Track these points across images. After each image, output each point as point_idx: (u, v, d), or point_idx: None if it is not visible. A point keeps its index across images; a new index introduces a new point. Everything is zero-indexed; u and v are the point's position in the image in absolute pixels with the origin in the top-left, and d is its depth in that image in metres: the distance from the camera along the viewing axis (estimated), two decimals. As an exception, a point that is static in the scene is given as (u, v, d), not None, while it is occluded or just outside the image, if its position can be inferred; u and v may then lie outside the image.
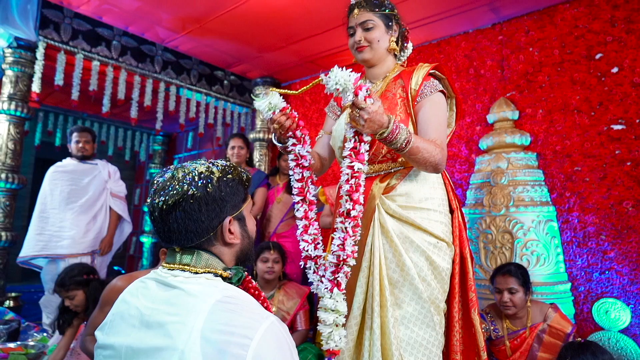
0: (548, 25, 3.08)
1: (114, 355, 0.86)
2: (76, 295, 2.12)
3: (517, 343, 2.19)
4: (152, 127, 5.92)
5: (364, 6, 1.61)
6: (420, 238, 1.51)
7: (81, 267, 2.22)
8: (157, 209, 0.91)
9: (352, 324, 1.52)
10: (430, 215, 1.56)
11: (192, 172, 0.92)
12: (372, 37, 1.60)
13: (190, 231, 0.91)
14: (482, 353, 1.58)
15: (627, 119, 2.70)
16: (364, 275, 1.54)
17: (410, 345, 1.44)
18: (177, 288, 0.87)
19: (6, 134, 3.45)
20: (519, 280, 2.24)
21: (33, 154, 6.42)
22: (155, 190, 0.93)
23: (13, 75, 3.48)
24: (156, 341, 0.81)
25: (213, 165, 0.96)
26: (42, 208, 3.27)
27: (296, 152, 1.43)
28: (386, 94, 1.64)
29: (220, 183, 0.93)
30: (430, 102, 1.56)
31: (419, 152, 1.39)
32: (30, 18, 3.42)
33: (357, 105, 1.26)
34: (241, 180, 0.99)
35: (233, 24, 3.55)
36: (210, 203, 0.91)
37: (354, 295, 1.54)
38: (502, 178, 2.92)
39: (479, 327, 1.58)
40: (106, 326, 0.92)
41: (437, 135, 1.50)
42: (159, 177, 0.95)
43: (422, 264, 1.50)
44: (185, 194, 0.89)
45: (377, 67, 1.68)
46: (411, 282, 1.47)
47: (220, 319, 0.80)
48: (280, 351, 0.81)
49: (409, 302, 1.47)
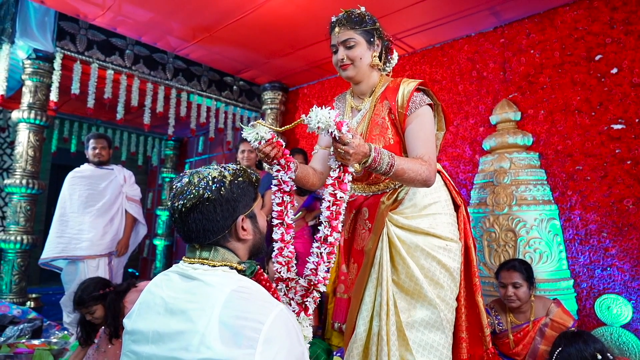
0: (548, 27, 3.15)
1: (141, 339, 0.97)
2: (96, 310, 2.17)
3: (520, 336, 2.26)
4: (164, 132, 6.07)
5: (344, 24, 1.63)
6: (430, 243, 1.60)
7: (95, 282, 2.23)
8: (177, 211, 1.02)
9: (361, 330, 1.62)
10: (437, 219, 1.65)
11: (206, 177, 1.03)
12: (354, 55, 1.63)
13: (207, 230, 1.02)
14: (486, 329, 1.70)
15: (627, 118, 2.75)
16: (372, 285, 1.64)
17: (422, 347, 1.53)
18: (197, 279, 0.98)
19: (26, 141, 3.61)
20: (522, 275, 2.32)
21: (49, 160, 6.61)
22: (174, 195, 1.04)
23: (32, 86, 3.64)
24: (179, 325, 0.92)
25: (225, 169, 1.07)
26: (62, 212, 3.41)
27: (279, 178, 1.46)
28: (376, 119, 1.68)
29: (232, 186, 1.04)
30: (417, 117, 1.60)
31: (404, 173, 1.43)
32: (47, 30, 3.59)
33: (342, 142, 1.27)
34: (251, 181, 1.10)
35: (241, 32, 3.67)
36: (224, 204, 1.02)
37: (363, 304, 1.65)
38: (505, 178, 2.99)
39: (482, 308, 1.70)
40: (133, 314, 1.04)
41: (425, 150, 1.54)
42: (177, 182, 1.06)
43: (434, 268, 1.59)
44: (202, 197, 1.00)
45: (363, 83, 1.72)
46: (420, 292, 1.56)
47: (236, 306, 0.91)
48: (288, 335, 0.92)
49: (419, 309, 1.56)
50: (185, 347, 0.88)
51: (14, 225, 3.52)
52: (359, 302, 1.66)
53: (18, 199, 3.55)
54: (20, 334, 2.81)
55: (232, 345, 0.86)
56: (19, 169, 3.56)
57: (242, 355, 0.85)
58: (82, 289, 2.19)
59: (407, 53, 3.98)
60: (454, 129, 3.57)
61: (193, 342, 0.87)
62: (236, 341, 0.86)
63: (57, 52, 3.60)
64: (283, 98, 5.00)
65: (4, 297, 3.40)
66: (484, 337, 1.72)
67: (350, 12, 1.66)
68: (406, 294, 1.58)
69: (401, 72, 3.99)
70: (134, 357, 0.98)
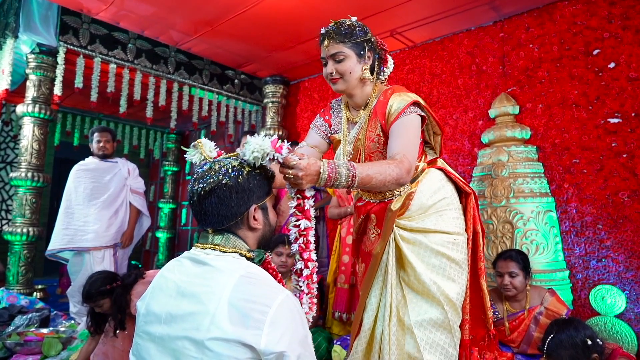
0: (547, 22, 3.18)
1: (154, 320, 1.03)
2: (104, 303, 2.21)
3: (516, 324, 2.33)
4: (165, 125, 6.11)
5: (333, 37, 1.58)
6: (439, 240, 1.64)
7: (103, 277, 2.27)
8: (196, 194, 1.09)
9: (366, 329, 1.67)
10: (443, 216, 1.69)
11: (226, 165, 1.10)
12: (344, 69, 1.59)
13: (221, 215, 1.08)
14: (488, 312, 1.77)
15: (623, 112, 2.80)
16: (378, 287, 1.69)
17: (429, 345, 1.58)
18: (208, 265, 1.04)
19: (31, 135, 3.65)
20: (519, 265, 2.39)
21: (52, 154, 6.65)
22: (195, 179, 1.11)
23: (36, 80, 3.68)
24: (191, 307, 0.98)
25: (245, 162, 1.13)
26: (68, 204, 3.47)
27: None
28: (371, 135, 1.67)
29: (249, 176, 1.11)
30: (401, 123, 1.56)
31: (371, 180, 1.35)
32: (51, 24, 3.62)
33: (287, 165, 1.18)
34: (267, 176, 1.17)
35: (243, 26, 3.70)
36: (240, 192, 1.08)
37: (368, 304, 1.70)
38: (503, 170, 3.04)
39: (486, 291, 1.77)
40: (146, 297, 1.10)
41: (399, 149, 1.49)
42: (199, 169, 1.13)
43: (445, 264, 1.63)
44: (220, 183, 1.07)
45: (356, 95, 1.69)
46: (429, 293, 1.60)
47: (244, 290, 0.97)
48: (292, 319, 0.98)
49: (429, 309, 1.60)
50: (196, 327, 0.95)
51: (20, 218, 3.58)
52: (365, 302, 1.71)
53: (24, 192, 3.61)
54: (29, 322, 2.88)
55: (240, 326, 0.93)
56: (24, 162, 3.61)
57: (250, 336, 0.91)
58: (90, 283, 2.23)
59: (407, 47, 4.01)
60: (453, 122, 3.61)
61: (204, 323, 0.94)
62: (244, 322, 0.93)
63: (60, 47, 3.64)
64: (284, 91, 5.04)
65: (11, 288, 3.47)
66: (487, 319, 1.79)
67: (339, 24, 1.60)
68: (416, 293, 1.62)
69: (401, 65, 4.02)
70: (146, 337, 1.04)
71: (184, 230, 6.66)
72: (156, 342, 1.01)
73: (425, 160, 1.81)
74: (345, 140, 1.76)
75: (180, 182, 6.94)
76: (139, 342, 1.05)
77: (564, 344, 1.80)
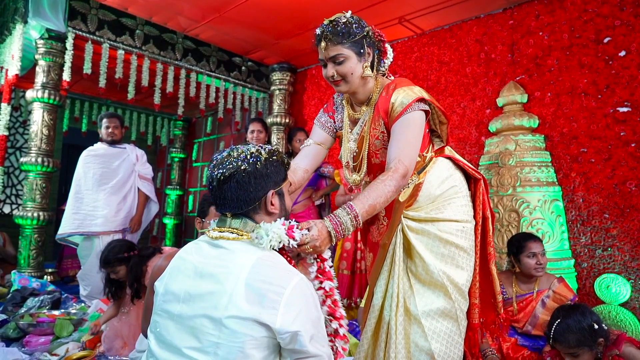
0: (558, 9, 3.15)
1: (173, 299, 1.07)
2: (120, 270, 2.32)
3: (523, 305, 2.37)
4: (173, 112, 6.11)
5: (330, 38, 1.52)
6: (448, 228, 1.65)
7: (121, 244, 2.38)
8: (216, 179, 1.12)
9: (371, 317, 1.69)
10: (452, 204, 1.69)
11: (245, 152, 1.13)
12: (345, 71, 1.56)
13: (240, 199, 1.12)
14: (498, 296, 1.78)
15: (633, 101, 2.78)
16: (384, 277, 1.70)
17: (436, 334, 1.60)
18: (225, 248, 1.08)
19: (40, 120, 3.68)
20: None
21: (61, 140, 6.70)
22: (214, 165, 1.14)
23: (45, 65, 3.70)
24: (209, 287, 1.02)
25: (262, 148, 1.17)
26: (77, 189, 3.52)
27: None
28: (375, 133, 1.67)
29: (267, 162, 1.14)
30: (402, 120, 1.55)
31: (375, 207, 1.36)
32: (59, 10, 3.62)
33: (303, 244, 1.20)
34: (283, 163, 1.21)
35: (251, 13, 3.70)
36: (258, 177, 1.12)
37: (375, 294, 1.71)
38: (510, 159, 3.04)
39: (495, 276, 1.77)
40: (165, 277, 1.14)
41: (397, 153, 1.49)
42: (218, 155, 1.17)
43: (453, 253, 1.65)
44: (239, 169, 1.10)
45: (359, 93, 1.68)
46: (437, 284, 1.62)
47: (261, 271, 1.01)
48: (306, 301, 1.02)
49: (436, 299, 1.62)
50: (214, 305, 0.98)
51: (30, 202, 3.63)
52: (372, 292, 1.73)
53: (34, 177, 3.65)
54: (41, 304, 2.95)
55: (256, 305, 0.96)
56: (34, 147, 3.65)
57: (266, 315, 0.95)
58: (109, 249, 2.36)
59: (416, 34, 3.99)
60: (460, 110, 3.61)
61: (222, 301, 0.97)
62: (261, 302, 0.97)
63: (69, 32, 3.65)
64: (291, 79, 5.03)
65: (23, 271, 3.54)
66: (497, 303, 1.80)
67: (335, 24, 1.54)
68: (423, 284, 1.64)
69: (409, 53, 4.00)
70: (165, 315, 1.07)
71: (191, 216, 6.71)
72: (175, 320, 1.04)
73: (433, 149, 1.82)
74: (348, 138, 1.77)
75: (187, 169, 6.98)
76: (158, 320, 1.09)
77: (571, 328, 1.82)
